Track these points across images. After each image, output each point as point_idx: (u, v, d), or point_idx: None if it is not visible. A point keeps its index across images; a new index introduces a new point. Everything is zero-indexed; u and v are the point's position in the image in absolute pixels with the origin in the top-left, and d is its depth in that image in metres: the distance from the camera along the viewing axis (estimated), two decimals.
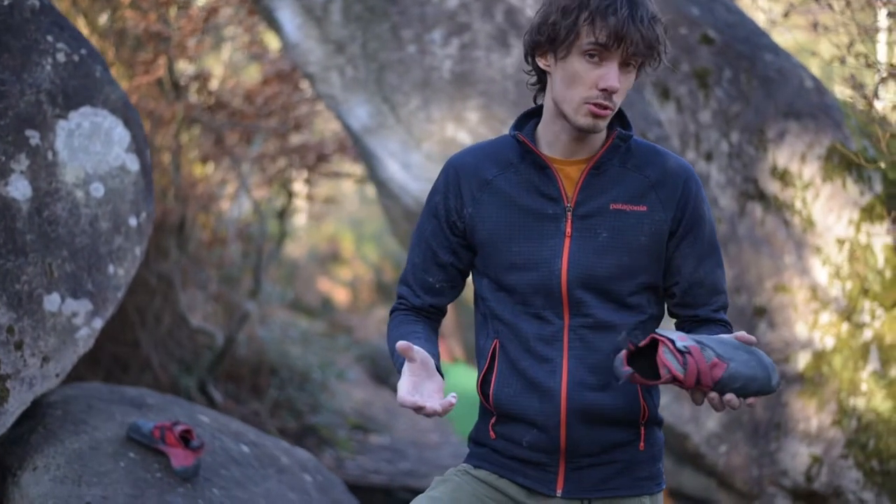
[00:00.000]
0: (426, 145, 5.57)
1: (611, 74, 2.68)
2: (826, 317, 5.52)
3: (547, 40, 2.78)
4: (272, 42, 8.54)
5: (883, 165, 5.52)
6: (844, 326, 5.55)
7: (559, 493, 2.84)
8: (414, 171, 5.61)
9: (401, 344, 2.60)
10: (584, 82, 2.71)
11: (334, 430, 7.94)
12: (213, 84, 7.00)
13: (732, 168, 5.55)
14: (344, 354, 9.62)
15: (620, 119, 2.91)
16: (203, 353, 7.41)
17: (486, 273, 2.91)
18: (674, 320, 3.02)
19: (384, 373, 10.77)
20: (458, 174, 2.92)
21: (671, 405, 5.41)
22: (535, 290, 2.82)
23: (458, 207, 2.90)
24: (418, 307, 3.00)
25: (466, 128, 5.54)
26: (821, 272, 5.55)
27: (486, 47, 5.56)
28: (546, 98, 2.87)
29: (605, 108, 2.71)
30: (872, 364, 5.56)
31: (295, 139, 7.49)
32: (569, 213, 2.82)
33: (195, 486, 3.91)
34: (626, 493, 2.89)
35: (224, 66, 8.26)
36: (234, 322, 7.61)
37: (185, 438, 3.96)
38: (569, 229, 2.81)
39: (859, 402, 5.53)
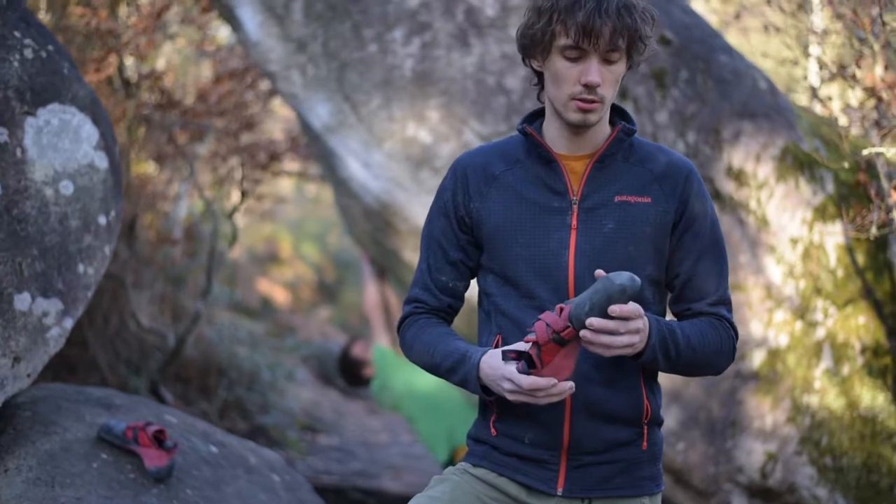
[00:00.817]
0: (387, 144, 5.58)
1: (590, 69, 2.72)
2: (780, 315, 5.60)
3: (530, 44, 2.84)
4: (224, 40, 8.50)
5: (847, 165, 5.61)
6: (798, 325, 5.63)
7: (560, 491, 2.85)
8: (375, 169, 5.61)
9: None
10: (567, 80, 2.76)
11: (283, 431, 7.92)
12: (165, 82, 6.94)
13: None
14: (290, 355, 9.59)
15: (622, 116, 2.96)
16: (152, 353, 7.35)
17: (492, 268, 2.93)
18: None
19: (331, 373, 10.76)
20: (466, 171, 2.95)
21: None
22: (542, 282, 2.84)
23: (465, 203, 2.92)
24: (438, 308, 3.02)
25: (427, 126, 5.55)
26: (775, 271, 5.63)
27: (447, 46, 5.58)
28: (545, 97, 2.90)
29: (592, 101, 2.76)
30: (825, 362, 5.65)
31: (246, 138, 7.44)
32: (574, 206, 2.85)
33: (169, 486, 3.88)
34: (626, 493, 2.91)
35: (174, 63, 8.19)
36: (184, 322, 7.56)
37: (159, 439, 3.93)
38: (574, 222, 2.84)
39: (813, 400, 5.61)
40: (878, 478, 5.64)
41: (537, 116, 3.01)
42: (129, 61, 6.71)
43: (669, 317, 3.04)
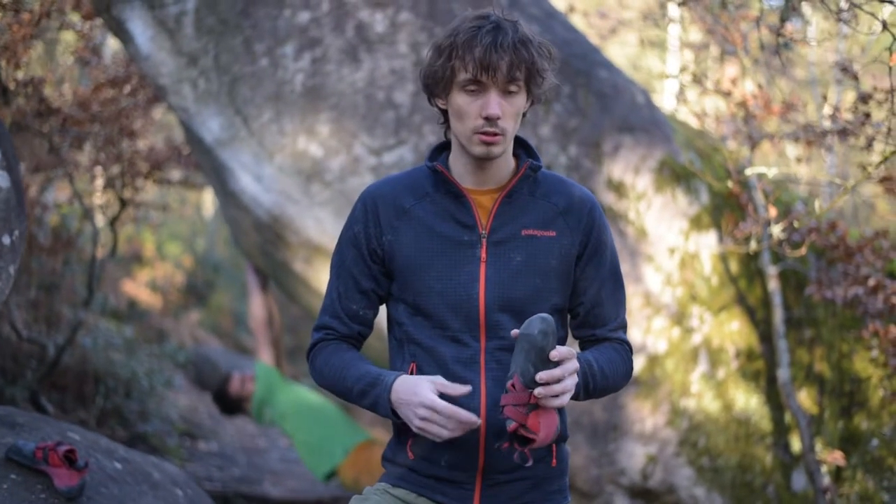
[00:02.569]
0: (278, 158, 5.62)
1: (490, 103, 2.82)
2: (659, 322, 5.78)
3: (433, 82, 2.93)
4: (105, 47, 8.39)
5: (731, 185, 5.81)
6: (675, 331, 5.82)
7: None
8: (266, 182, 5.65)
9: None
10: (469, 114, 2.86)
11: (163, 438, 7.86)
12: (46, 89, 6.83)
13: None
14: (164, 360, 9.49)
15: (525, 149, 3.07)
16: (27, 362, 7.24)
17: (403, 298, 3.02)
18: (577, 341, 3.19)
19: (207, 379, 10.70)
20: (377, 204, 3.02)
21: None
22: (453, 313, 2.94)
23: (377, 235, 3.00)
24: (347, 335, 3.08)
25: (318, 140, 5.61)
26: (653, 279, 5.81)
27: (338, 61, 5.64)
28: (451, 133, 3.00)
29: (494, 134, 2.85)
30: (702, 366, 5.86)
31: (127, 146, 7.36)
32: (483, 240, 2.95)
33: None
34: None
35: (51, 69, 8.08)
36: (60, 329, 7.47)
37: (69, 459, 3.94)
38: (484, 255, 2.94)
39: (690, 403, 5.81)
40: (752, 477, 5.87)
41: (442, 150, 3.11)
42: (12, 68, 6.58)
43: (571, 341, 3.18)
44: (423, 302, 2.97)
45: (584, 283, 3.04)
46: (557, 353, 2.68)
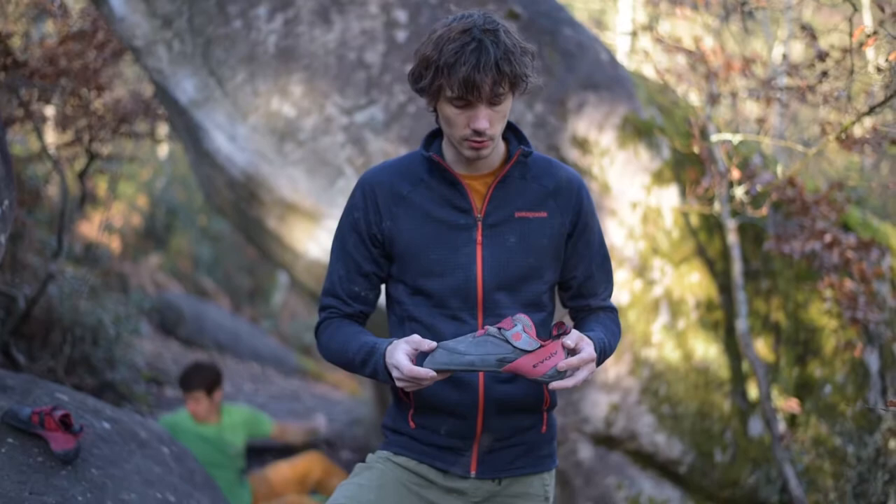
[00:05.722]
0: (252, 118, 5.71)
1: (478, 117, 2.95)
2: (622, 275, 5.96)
3: (420, 91, 3.05)
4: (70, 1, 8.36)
5: (697, 151, 5.95)
6: (638, 283, 6.01)
7: (473, 474, 3.18)
8: (240, 142, 5.74)
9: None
10: (457, 124, 2.99)
11: (130, 386, 7.94)
12: (14, 43, 6.81)
13: (536, 138, 5.88)
14: (131, 307, 9.54)
15: (514, 132, 3.22)
16: None
17: (403, 279, 3.18)
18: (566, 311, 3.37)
19: (170, 324, 10.78)
20: (375, 191, 3.17)
21: None
22: (453, 293, 3.10)
23: (377, 221, 3.15)
24: (349, 314, 3.24)
25: (291, 101, 5.70)
26: (617, 233, 5.98)
27: (310, 23, 5.73)
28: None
29: (482, 141, 3.00)
30: (663, 317, 6.05)
31: (94, 100, 7.38)
32: (479, 223, 3.11)
33: (76, 467, 4.01)
34: (530, 471, 3.25)
35: (15, 20, 8.05)
36: (25, 279, 7.52)
37: (65, 422, 4.05)
38: (480, 237, 3.11)
39: (651, 353, 6.01)
40: (710, 423, 6.10)
41: (435, 136, 3.25)
42: None
43: (561, 310, 3.37)
44: (422, 283, 3.14)
45: (575, 258, 3.22)
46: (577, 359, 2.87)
